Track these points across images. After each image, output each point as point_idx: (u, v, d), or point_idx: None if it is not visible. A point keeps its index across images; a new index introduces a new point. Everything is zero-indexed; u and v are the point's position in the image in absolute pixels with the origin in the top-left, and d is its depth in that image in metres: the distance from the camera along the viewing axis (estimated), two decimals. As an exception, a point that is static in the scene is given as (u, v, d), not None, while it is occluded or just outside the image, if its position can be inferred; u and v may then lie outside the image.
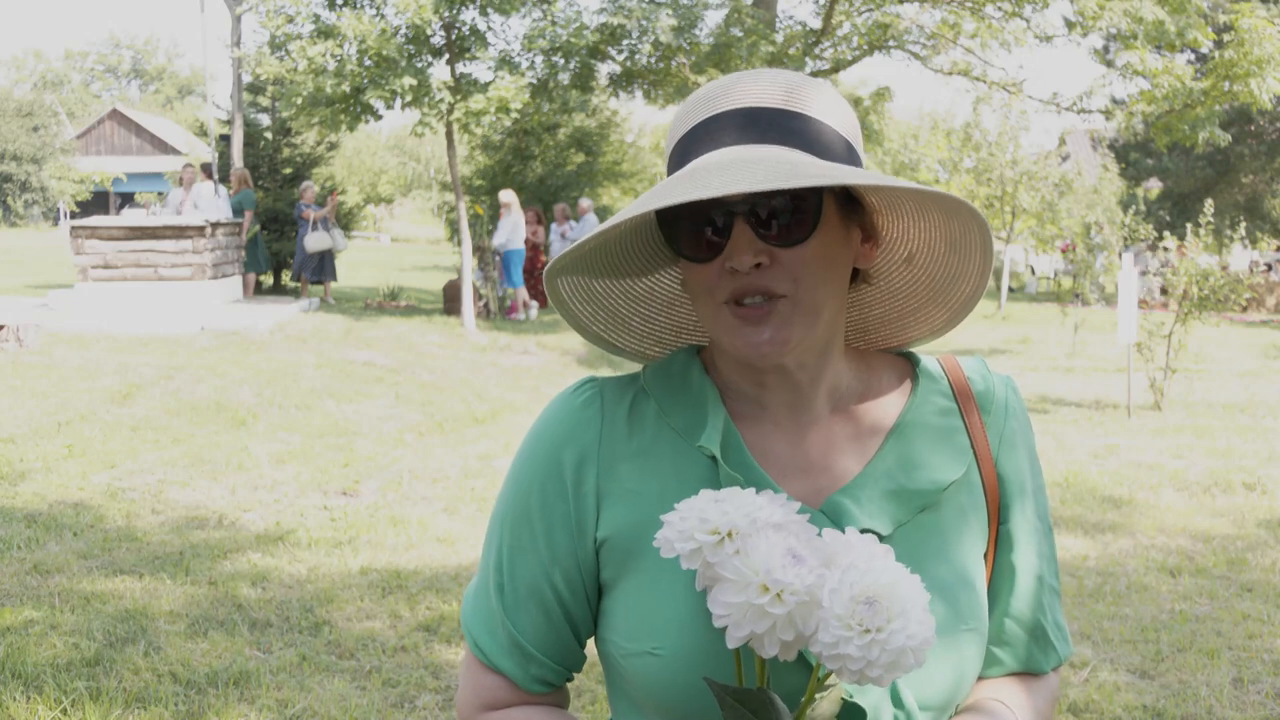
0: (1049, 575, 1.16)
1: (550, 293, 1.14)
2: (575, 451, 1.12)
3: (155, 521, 5.65)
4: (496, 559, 1.15)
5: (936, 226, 1.09)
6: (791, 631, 0.89)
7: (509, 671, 1.13)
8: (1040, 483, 1.18)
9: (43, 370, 9.25)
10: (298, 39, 13.18)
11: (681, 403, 1.13)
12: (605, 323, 1.20)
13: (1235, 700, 3.82)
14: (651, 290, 1.21)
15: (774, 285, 1.02)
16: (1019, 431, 1.16)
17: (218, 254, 14.10)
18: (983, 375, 1.17)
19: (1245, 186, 30.45)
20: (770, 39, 14.50)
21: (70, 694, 3.58)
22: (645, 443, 1.12)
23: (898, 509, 1.08)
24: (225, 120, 18.73)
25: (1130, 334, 9.44)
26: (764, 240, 1.01)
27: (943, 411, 1.14)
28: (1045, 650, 1.16)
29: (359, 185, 43.08)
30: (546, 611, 1.12)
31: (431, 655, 4.09)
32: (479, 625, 1.15)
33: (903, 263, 1.16)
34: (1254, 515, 6.29)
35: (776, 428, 1.12)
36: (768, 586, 0.89)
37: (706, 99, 1.08)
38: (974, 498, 1.12)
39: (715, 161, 0.99)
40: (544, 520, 1.12)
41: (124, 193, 49.58)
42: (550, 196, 21.33)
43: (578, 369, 12.28)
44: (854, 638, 0.86)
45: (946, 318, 1.17)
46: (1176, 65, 14.96)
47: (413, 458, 7.33)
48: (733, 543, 0.92)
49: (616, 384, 1.17)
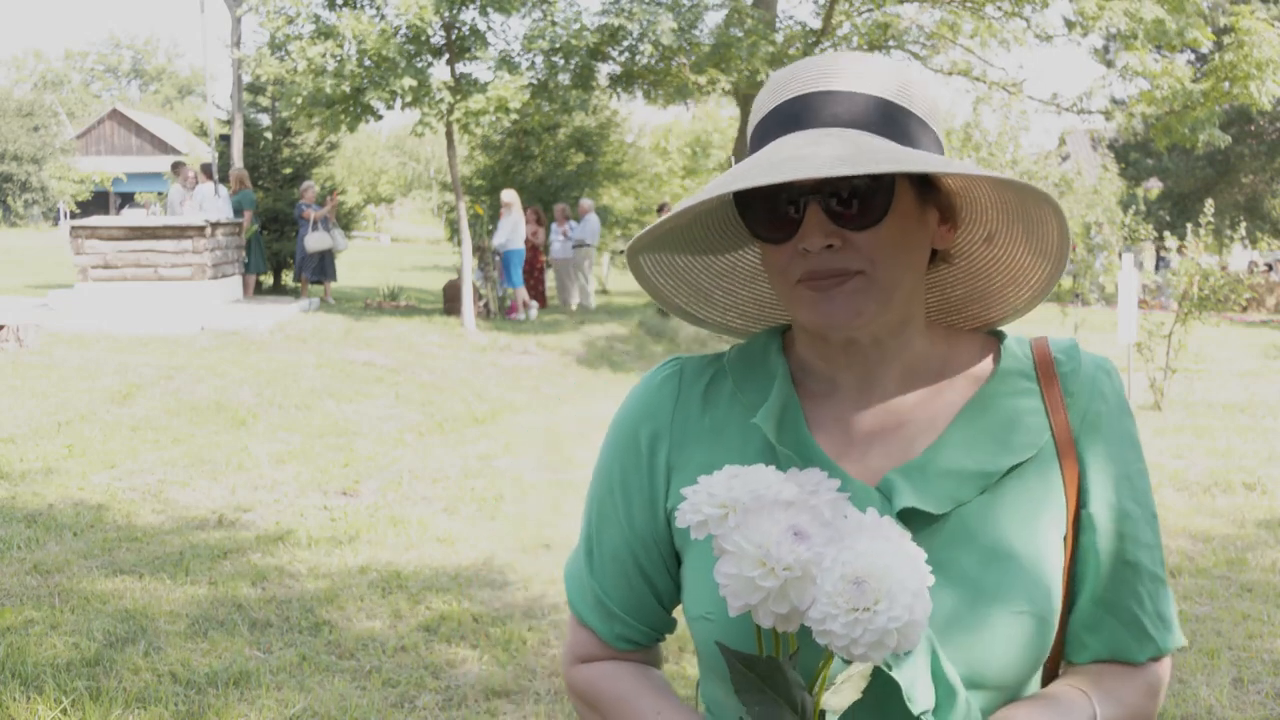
0: (1149, 563, 1.13)
1: (632, 268, 1.19)
2: (650, 428, 1.19)
3: (155, 521, 5.65)
4: (587, 528, 1.24)
5: (1012, 209, 1.11)
6: (785, 605, 0.92)
7: (596, 628, 1.21)
8: (1139, 467, 1.15)
9: (43, 370, 9.25)
10: (297, 39, 13.17)
11: (754, 381, 1.17)
12: (688, 297, 1.25)
13: (1235, 700, 3.82)
14: (733, 265, 1.24)
15: (847, 264, 1.04)
16: (1107, 414, 1.13)
17: (218, 254, 14.10)
18: (1071, 356, 1.15)
19: (1245, 186, 30.46)
20: (770, 39, 14.49)
21: (70, 694, 3.58)
22: (718, 419, 1.17)
23: (957, 488, 1.07)
24: (225, 120, 18.73)
25: (1130, 334, 9.44)
26: (836, 223, 1.03)
27: (1022, 392, 1.13)
28: (1140, 639, 1.13)
29: (359, 185, 43.07)
30: (628, 577, 1.20)
31: (431, 655, 4.09)
32: (573, 586, 1.24)
33: (982, 242, 1.17)
34: (1254, 515, 6.29)
35: (845, 405, 1.14)
36: (762, 561, 0.92)
37: (787, 81, 1.10)
38: (1047, 480, 1.10)
39: (792, 145, 1.01)
40: (624, 493, 1.20)
41: (124, 193, 49.55)
42: (550, 196, 21.32)
43: (578, 369, 12.29)
44: (840, 615, 0.89)
45: (1028, 296, 1.18)
46: (1176, 66, 14.96)
47: (413, 458, 7.33)
48: (735, 517, 0.95)
49: (698, 362, 1.22)
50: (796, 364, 1.18)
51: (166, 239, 13.26)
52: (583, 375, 11.98)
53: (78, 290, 13.14)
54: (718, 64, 14.63)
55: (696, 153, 27.15)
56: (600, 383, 11.57)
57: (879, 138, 1.02)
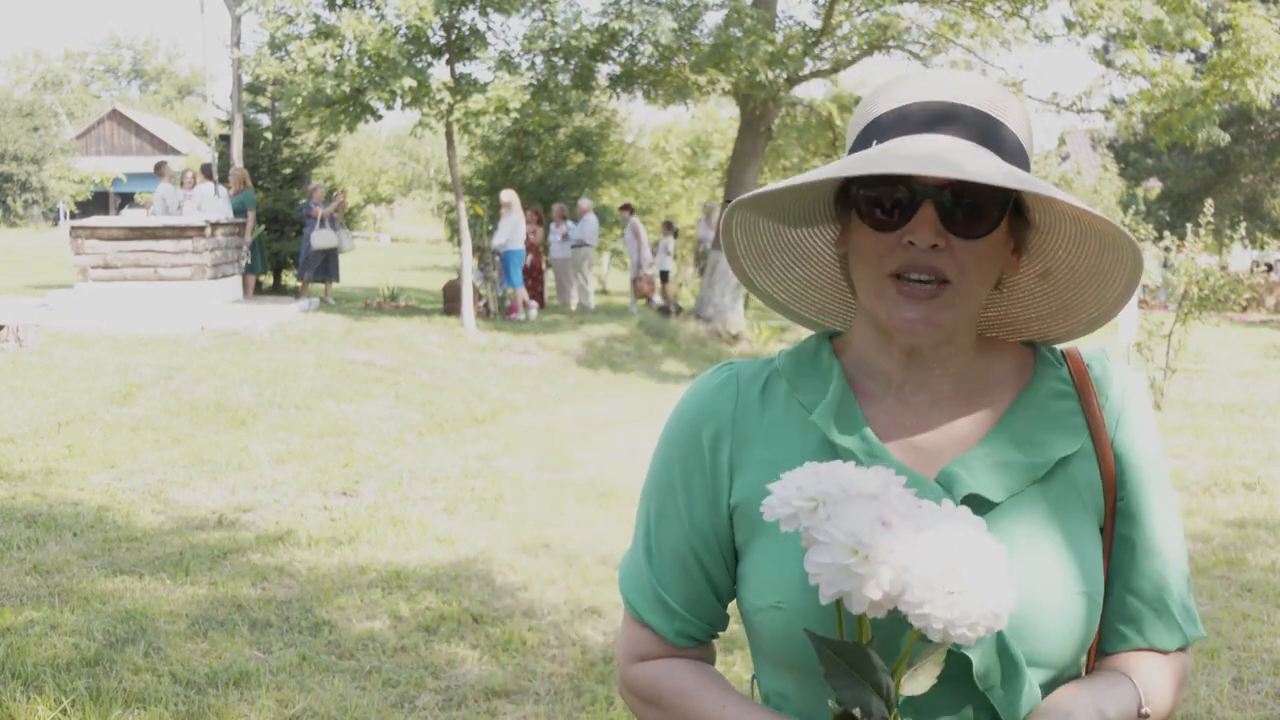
0: (1175, 556, 1.20)
1: (726, 219, 1.22)
2: (712, 428, 1.24)
3: (155, 521, 5.65)
4: (645, 526, 1.28)
5: (1089, 253, 1.17)
6: (879, 591, 0.96)
7: (656, 625, 1.25)
8: (1164, 465, 1.23)
9: (43, 370, 9.25)
10: (297, 39, 13.17)
11: (810, 381, 1.23)
12: (753, 258, 1.30)
13: (1235, 700, 3.82)
14: (796, 240, 1.29)
15: (944, 268, 1.11)
16: (1137, 415, 1.21)
17: (218, 254, 14.09)
18: (1102, 363, 1.23)
19: (1245, 186, 30.44)
20: (770, 39, 14.49)
21: (70, 694, 3.58)
22: (776, 418, 1.23)
23: (1010, 479, 1.14)
24: (225, 120, 18.71)
25: (1130, 334, 9.44)
26: (946, 226, 1.10)
27: (1060, 395, 1.21)
28: (1170, 629, 1.19)
29: (359, 185, 43.05)
30: (689, 573, 1.24)
31: (431, 655, 4.09)
32: (631, 584, 1.28)
33: (1037, 277, 1.24)
34: (1254, 515, 6.29)
35: (900, 404, 1.21)
36: (855, 549, 0.96)
37: (910, 83, 1.16)
38: (1088, 473, 1.18)
39: (933, 143, 1.08)
40: (685, 491, 1.24)
41: (124, 193, 49.49)
42: (550, 196, 21.30)
43: (577, 369, 12.29)
44: (937, 599, 0.94)
45: (1063, 332, 1.26)
46: (1176, 65, 14.96)
47: (413, 458, 7.33)
48: (825, 509, 1.00)
49: (751, 367, 1.28)
50: (850, 363, 1.24)
51: (166, 239, 13.25)
52: (582, 375, 11.98)
53: (78, 290, 13.14)
54: (717, 64, 14.62)
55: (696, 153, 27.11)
56: (600, 383, 11.57)
57: (1001, 159, 1.09)
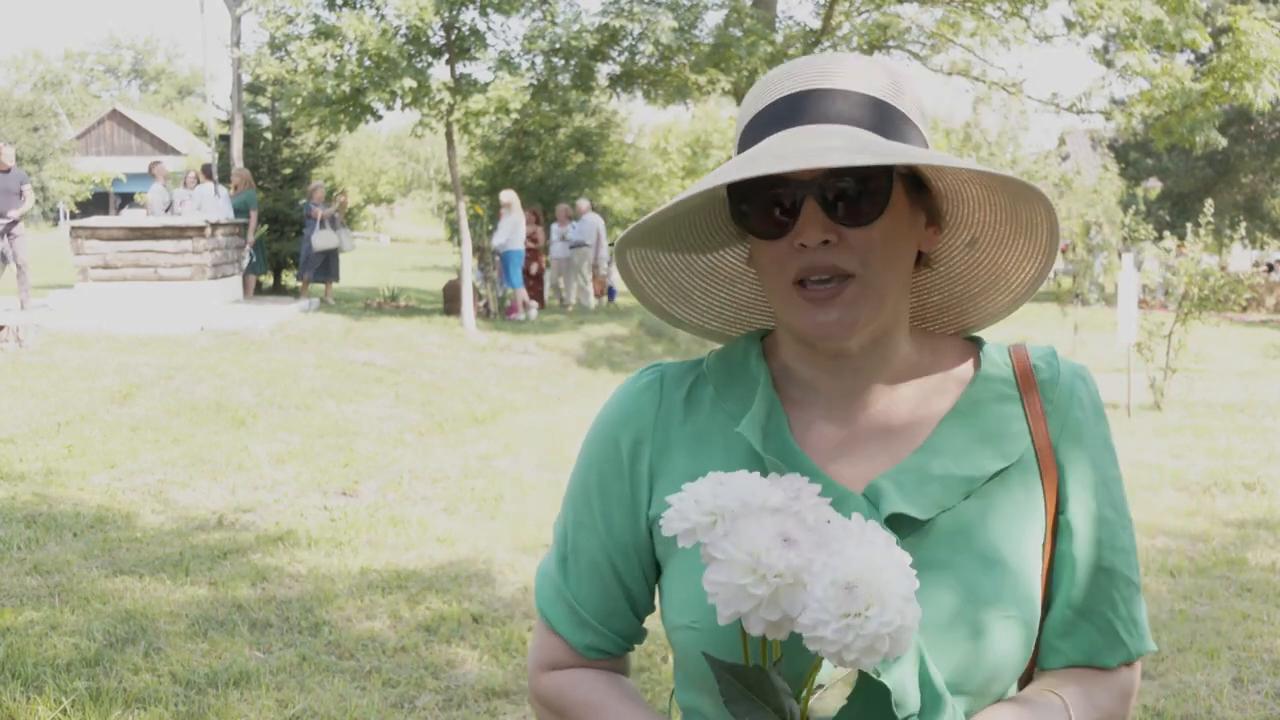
0: (1124, 568, 1.13)
1: (619, 264, 1.18)
2: (631, 433, 1.17)
3: (155, 521, 5.65)
4: (562, 533, 1.22)
5: (1001, 210, 1.10)
6: (777, 612, 0.91)
7: (566, 635, 1.19)
8: (1115, 473, 1.16)
9: (43, 370, 9.25)
10: (297, 39, 13.18)
11: (736, 387, 1.16)
12: (668, 295, 1.24)
13: (1235, 700, 3.82)
14: (714, 266, 1.23)
15: (842, 263, 1.04)
16: (1085, 422, 1.14)
17: (218, 254, 14.10)
18: (1049, 363, 1.16)
19: (1245, 186, 30.45)
20: (770, 39, 14.49)
21: (70, 694, 3.58)
22: (700, 426, 1.16)
23: (942, 494, 1.08)
24: (225, 120, 18.72)
25: (1130, 334, 9.44)
26: (833, 219, 1.03)
27: (1002, 398, 1.14)
28: (1113, 644, 1.13)
29: (359, 185, 43.05)
30: (604, 584, 1.18)
31: (431, 655, 4.09)
32: (544, 593, 1.22)
33: (965, 247, 1.17)
34: (1254, 515, 6.29)
35: (829, 411, 1.14)
36: (753, 568, 0.91)
37: (780, 79, 1.10)
38: (1028, 486, 1.11)
39: (792, 139, 1.01)
40: (602, 499, 1.18)
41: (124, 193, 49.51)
42: (550, 196, 21.31)
43: (577, 369, 12.28)
44: (831, 621, 0.88)
45: (1009, 301, 1.19)
46: (1176, 66, 14.96)
47: (413, 458, 7.33)
48: (724, 524, 0.94)
49: (678, 369, 1.21)
50: (778, 369, 1.17)
51: (166, 239, 13.26)
52: (582, 375, 11.98)
53: (78, 290, 13.15)
54: (717, 64, 14.62)
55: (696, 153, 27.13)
56: (600, 383, 11.56)
57: (874, 135, 1.02)
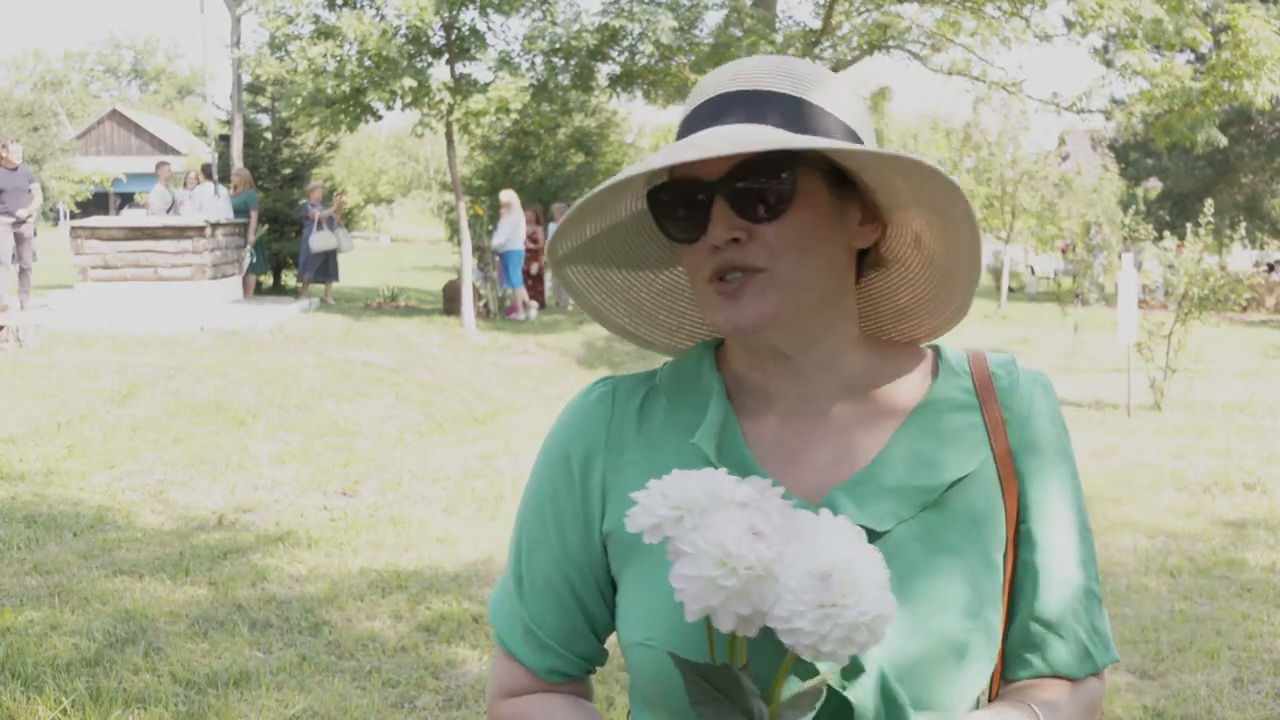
0: (1086, 578, 1.12)
1: (562, 281, 1.16)
2: (583, 448, 1.15)
3: (155, 521, 5.65)
4: (516, 551, 1.18)
5: (926, 200, 1.06)
6: (748, 606, 0.89)
7: (525, 660, 1.16)
8: (1075, 483, 1.14)
9: (43, 370, 9.25)
10: (297, 39, 13.18)
11: (689, 399, 1.14)
12: (629, 316, 1.22)
13: (1235, 700, 3.82)
14: (675, 283, 1.21)
15: (750, 260, 1.03)
16: (1044, 431, 1.12)
17: (217, 254, 14.10)
18: (1008, 372, 1.14)
19: (1245, 186, 30.45)
20: (770, 39, 14.49)
21: (70, 694, 3.58)
22: (653, 439, 1.13)
23: (899, 505, 1.06)
24: (225, 120, 18.73)
25: (1130, 334, 9.45)
26: (742, 216, 1.02)
27: (961, 407, 1.12)
28: (1079, 656, 1.12)
29: (359, 185, 43.05)
30: (562, 604, 1.15)
31: (431, 655, 4.09)
32: (500, 615, 1.18)
33: (912, 245, 1.14)
34: (1254, 515, 6.29)
35: (782, 421, 1.12)
36: (723, 560, 0.89)
37: (702, 87, 1.09)
38: (987, 496, 1.09)
39: (692, 142, 1.00)
40: (555, 515, 1.15)
41: (124, 193, 49.50)
42: (550, 196, 21.32)
43: (577, 369, 12.28)
44: (807, 612, 0.86)
45: (959, 302, 1.15)
46: (1175, 65, 14.96)
47: (413, 458, 7.33)
48: (692, 518, 0.92)
49: (631, 381, 1.19)
50: (731, 379, 1.15)
51: (166, 239, 13.26)
52: (583, 375, 11.98)
53: (78, 290, 13.15)
54: (717, 64, 14.51)
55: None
56: (600, 383, 11.55)
57: (783, 131, 1.01)
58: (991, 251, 25.66)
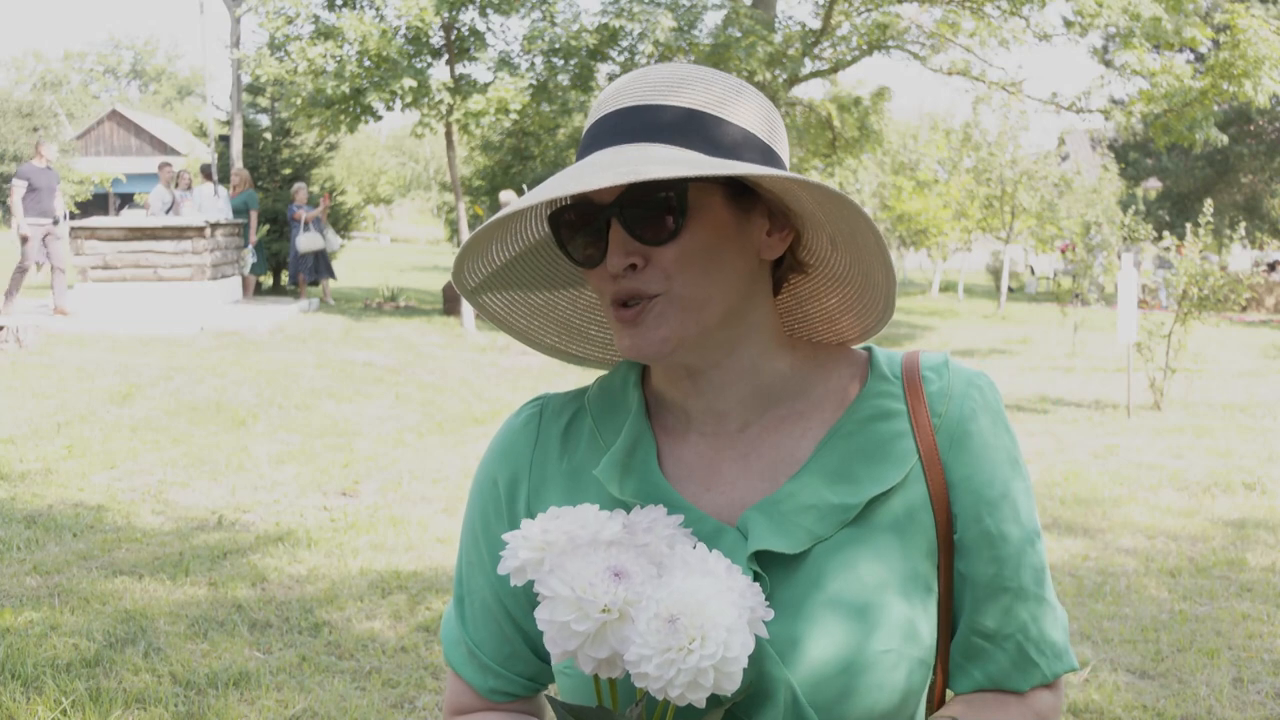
0: (1032, 586, 1.06)
1: (475, 308, 1.14)
2: (509, 473, 1.14)
3: (155, 522, 5.65)
4: (459, 574, 1.18)
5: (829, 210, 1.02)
6: (605, 649, 0.88)
7: (469, 680, 1.16)
8: (1020, 486, 1.08)
9: (43, 370, 9.25)
10: (297, 40, 13.19)
11: (613, 419, 1.12)
12: (559, 335, 1.20)
13: (1235, 700, 3.82)
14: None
15: (646, 287, 1.00)
16: (978, 433, 1.06)
17: (217, 255, 14.11)
18: (940, 373, 1.08)
19: (1245, 186, 30.46)
20: (769, 39, 14.50)
21: (70, 694, 3.58)
22: (577, 462, 1.11)
23: (817, 524, 1.02)
24: (225, 121, 18.75)
25: (1130, 334, 9.45)
26: (637, 239, 0.99)
27: (888, 414, 1.07)
28: (1024, 667, 1.07)
29: (359, 185, 43.07)
30: (499, 626, 1.14)
31: (431, 656, 4.09)
32: (446, 635, 1.19)
33: (830, 248, 1.09)
34: (1254, 515, 6.29)
35: (701, 439, 1.09)
36: (577, 604, 0.88)
37: (609, 95, 1.05)
38: (912, 508, 1.05)
39: (587, 164, 0.98)
40: (487, 539, 1.14)
41: (123, 193, 49.47)
42: (550, 197, 21.32)
43: (577, 369, 12.26)
44: (654, 656, 0.85)
45: (883, 305, 1.10)
46: (1175, 65, 14.96)
47: (413, 458, 7.33)
48: (550, 560, 0.92)
49: (560, 400, 1.17)
50: (653, 398, 1.12)
51: (166, 240, 13.27)
52: (582, 375, 11.98)
53: (77, 291, 13.15)
54: (717, 64, 14.61)
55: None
56: (600, 383, 11.56)
57: (679, 148, 0.98)
58: (991, 251, 25.65)
